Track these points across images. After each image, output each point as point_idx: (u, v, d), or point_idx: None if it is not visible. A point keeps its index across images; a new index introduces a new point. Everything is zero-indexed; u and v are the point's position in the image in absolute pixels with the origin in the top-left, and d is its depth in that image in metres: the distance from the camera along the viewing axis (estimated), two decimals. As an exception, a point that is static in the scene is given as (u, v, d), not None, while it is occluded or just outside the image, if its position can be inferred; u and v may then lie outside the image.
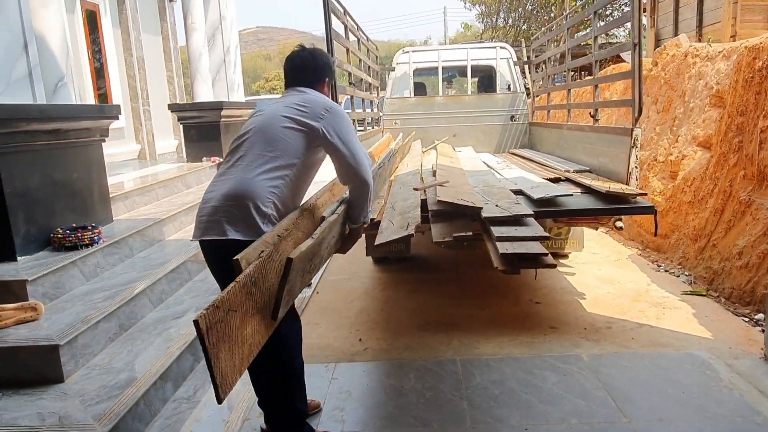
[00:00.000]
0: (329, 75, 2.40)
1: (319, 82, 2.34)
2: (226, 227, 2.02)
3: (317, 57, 2.35)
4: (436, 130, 6.44)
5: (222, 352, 1.34)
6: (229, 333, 1.39)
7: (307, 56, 2.34)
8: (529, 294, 4.02)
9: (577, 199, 3.27)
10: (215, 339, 1.32)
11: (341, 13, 3.93)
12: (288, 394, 2.26)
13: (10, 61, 3.34)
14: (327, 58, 2.40)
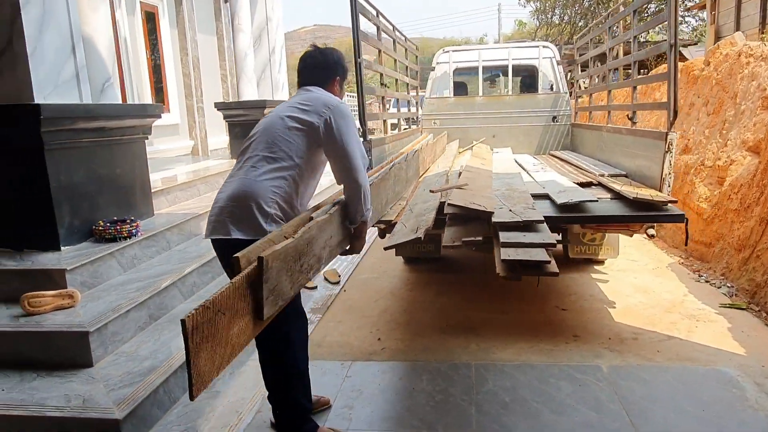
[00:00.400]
0: (340, 73, 2.39)
1: (329, 81, 2.36)
2: (231, 227, 2.09)
3: (327, 56, 2.37)
4: (475, 131, 6.38)
5: (203, 352, 1.39)
6: (214, 333, 1.45)
7: (317, 55, 2.37)
8: (557, 300, 3.94)
9: (604, 205, 3.18)
10: (199, 339, 1.38)
11: (372, 15, 3.96)
12: (291, 390, 2.32)
13: (58, 64, 3.56)
14: (338, 56, 2.40)
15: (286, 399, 2.33)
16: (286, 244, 1.75)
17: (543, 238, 2.19)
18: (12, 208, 3.51)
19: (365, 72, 3.71)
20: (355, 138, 2.18)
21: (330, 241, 2.12)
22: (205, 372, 1.41)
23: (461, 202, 2.52)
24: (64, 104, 3.50)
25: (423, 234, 2.35)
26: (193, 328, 1.35)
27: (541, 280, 4.31)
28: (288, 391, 2.32)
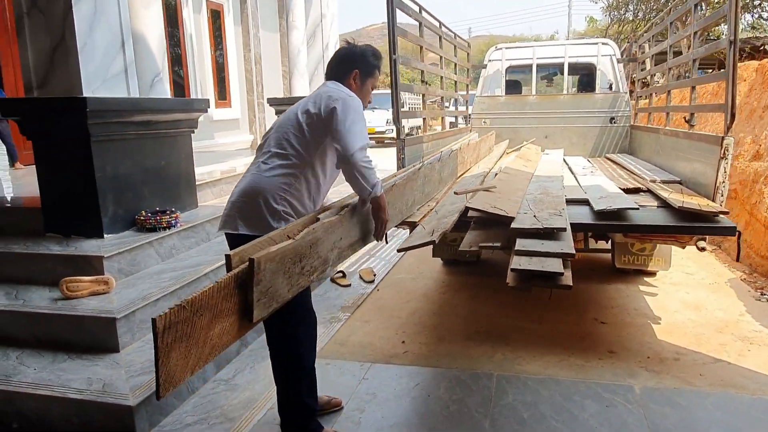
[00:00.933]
0: (359, 67, 2.30)
1: (347, 75, 2.29)
2: (238, 222, 2.10)
3: (350, 50, 2.32)
4: (526, 131, 6.17)
5: (175, 352, 1.37)
6: (190, 333, 1.43)
7: (342, 50, 2.34)
8: (597, 312, 3.72)
9: (646, 214, 2.97)
10: (170, 339, 1.36)
11: (413, 11, 3.88)
12: (295, 389, 2.30)
13: (108, 59, 3.72)
14: (361, 51, 2.33)
15: (290, 397, 2.31)
16: (284, 246, 1.71)
17: (561, 248, 2.05)
18: (63, 195, 3.70)
19: (407, 70, 3.64)
20: (357, 128, 2.08)
21: (340, 242, 2.07)
22: (176, 372, 1.39)
23: (482, 205, 2.41)
24: (110, 98, 3.64)
25: (438, 238, 2.26)
26: (165, 328, 1.33)
27: (573, 291, 4.11)
28: (293, 389, 2.30)
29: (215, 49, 10.68)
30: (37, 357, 2.88)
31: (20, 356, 2.89)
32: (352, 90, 2.26)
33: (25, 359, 2.86)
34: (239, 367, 3.12)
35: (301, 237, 1.69)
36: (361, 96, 2.29)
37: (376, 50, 2.38)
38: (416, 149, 3.89)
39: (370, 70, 2.33)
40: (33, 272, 3.41)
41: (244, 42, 11.45)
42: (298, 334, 2.29)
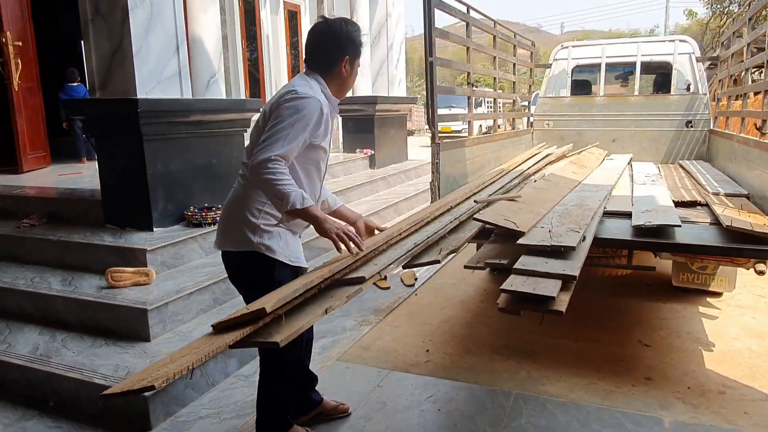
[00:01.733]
0: (350, 51, 2.05)
1: (337, 63, 2.03)
2: (221, 239, 2.12)
3: (337, 31, 2.02)
4: (592, 134, 5.83)
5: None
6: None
7: (324, 32, 2.04)
8: (643, 333, 3.45)
9: (691, 231, 2.72)
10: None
11: (456, 9, 3.76)
12: (272, 399, 2.26)
13: (162, 62, 3.92)
14: (348, 32, 2.04)
15: (267, 407, 2.27)
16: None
17: (564, 268, 1.91)
18: (119, 190, 3.96)
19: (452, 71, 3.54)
20: (288, 134, 1.87)
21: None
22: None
23: (492, 217, 2.29)
24: (162, 99, 3.83)
25: (443, 257, 2.18)
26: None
27: (620, 309, 3.84)
28: (271, 398, 2.26)
29: (291, 48, 11.00)
30: (78, 341, 3.10)
31: (65, 339, 3.13)
32: (343, 77, 2.07)
33: (68, 342, 3.09)
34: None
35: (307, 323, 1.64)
36: (350, 82, 2.14)
37: (356, 24, 2.12)
38: (459, 153, 3.78)
39: (358, 52, 2.11)
40: (88, 261, 3.68)
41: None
42: (277, 353, 2.22)
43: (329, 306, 1.71)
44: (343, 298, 1.78)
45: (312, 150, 2.03)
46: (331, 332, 3.63)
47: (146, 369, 1.46)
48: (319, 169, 2.12)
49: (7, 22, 5.70)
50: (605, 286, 4.27)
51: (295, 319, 1.65)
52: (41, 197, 4.56)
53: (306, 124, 1.92)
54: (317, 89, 2.03)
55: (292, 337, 1.56)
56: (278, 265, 2.06)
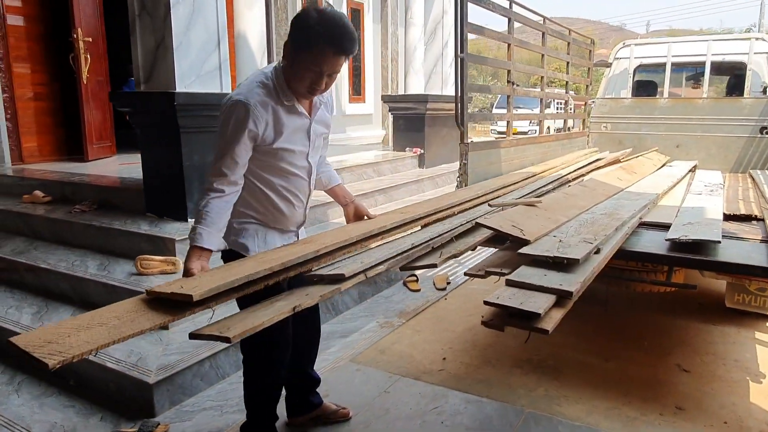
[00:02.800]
0: (290, 35, 1.85)
1: (285, 50, 1.90)
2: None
3: (302, 14, 1.83)
4: (653, 139, 5.45)
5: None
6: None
7: (298, 18, 1.86)
8: (684, 356, 3.16)
9: (736, 248, 2.44)
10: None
11: (495, 4, 3.59)
12: (249, 398, 2.24)
13: (203, 56, 4.00)
14: (298, 15, 1.84)
15: (246, 401, 2.26)
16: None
17: (562, 283, 1.74)
18: (158, 180, 4.09)
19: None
20: (221, 141, 1.86)
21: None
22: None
23: (497, 222, 2.14)
24: (199, 93, 3.91)
25: (441, 261, 2.07)
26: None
27: (664, 329, 3.54)
28: (246, 395, 2.25)
29: (352, 45, 11.05)
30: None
31: (92, 321, 3.25)
32: (287, 67, 1.89)
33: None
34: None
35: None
36: (292, 74, 1.87)
37: (336, 23, 1.80)
38: (488, 155, 3.62)
39: (305, 44, 1.80)
40: (125, 247, 3.82)
41: (382, 40, 11.70)
42: (251, 352, 2.19)
43: (298, 304, 1.65)
44: (316, 297, 1.71)
45: (271, 154, 1.94)
46: (351, 332, 3.58)
47: (53, 329, 1.37)
48: (293, 165, 2.02)
49: (79, 20, 6.04)
50: (651, 302, 3.95)
51: (255, 315, 1.60)
52: (95, 185, 4.79)
53: (234, 134, 1.83)
54: (257, 88, 1.87)
55: (247, 334, 1.51)
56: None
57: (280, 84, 1.91)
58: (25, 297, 3.66)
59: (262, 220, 2.07)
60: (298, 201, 2.11)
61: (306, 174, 2.09)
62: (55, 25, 6.27)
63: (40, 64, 6.26)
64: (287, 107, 1.93)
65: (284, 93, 1.91)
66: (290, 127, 1.95)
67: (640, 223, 2.83)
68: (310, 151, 2.07)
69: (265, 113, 1.87)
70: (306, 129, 2.02)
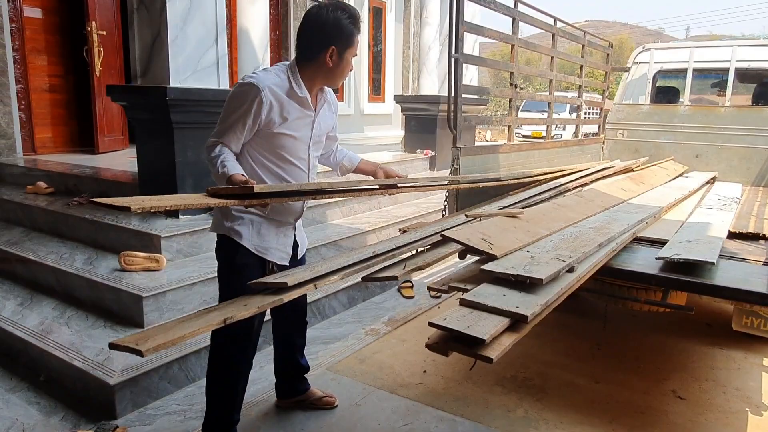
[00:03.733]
0: (336, 42, 1.96)
1: (321, 53, 1.97)
2: (212, 222, 2.24)
3: (323, 19, 1.95)
4: (672, 148, 5.20)
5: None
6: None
7: (311, 19, 1.99)
8: (681, 382, 2.96)
9: (733, 271, 2.26)
10: None
11: (504, 6, 3.43)
12: (209, 397, 2.26)
13: (199, 52, 3.94)
14: (336, 19, 1.95)
15: (207, 400, 2.27)
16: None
17: (518, 305, 1.59)
18: (152, 175, 4.05)
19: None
20: (221, 121, 1.99)
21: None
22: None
23: (465, 235, 2.00)
24: (191, 88, 3.84)
25: (402, 274, 1.94)
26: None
27: (663, 352, 3.33)
28: (208, 393, 2.26)
29: (374, 45, 10.96)
30: (82, 320, 3.18)
31: (71, 317, 3.22)
32: (327, 68, 2.01)
33: (72, 320, 3.18)
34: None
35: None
36: (338, 72, 2.06)
37: (351, 10, 2.00)
38: (485, 161, 3.46)
39: (348, 42, 2.01)
40: (114, 242, 3.79)
41: (404, 39, 11.58)
42: (218, 349, 2.20)
43: (230, 316, 1.55)
44: (253, 308, 1.61)
45: (273, 138, 2.02)
46: (335, 338, 3.48)
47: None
48: (292, 154, 2.07)
49: (94, 12, 6.08)
50: (655, 320, 3.74)
51: (182, 326, 1.50)
52: (97, 177, 4.80)
53: (241, 111, 1.92)
54: (272, 76, 1.99)
55: (165, 347, 1.41)
56: (242, 250, 2.08)
57: (296, 79, 2.02)
58: (13, 288, 3.66)
59: (260, 210, 2.08)
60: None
61: (305, 166, 2.14)
62: (71, 17, 6.32)
63: (55, 56, 6.33)
64: (299, 99, 2.02)
65: (299, 86, 2.02)
66: (295, 116, 2.03)
67: (635, 238, 2.66)
68: (311, 143, 2.13)
69: (274, 98, 1.94)
70: (311, 121, 2.11)
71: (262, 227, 2.12)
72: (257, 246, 2.10)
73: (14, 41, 5.84)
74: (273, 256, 2.15)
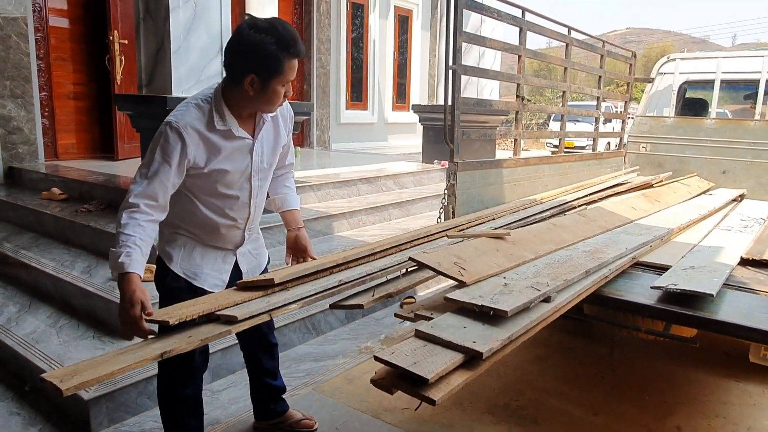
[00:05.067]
0: (255, 69, 1.71)
1: (241, 80, 1.72)
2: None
3: (243, 41, 1.69)
4: (697, 163, 4.95)
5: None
6: None
7: (232, 40, 1.75)
8: (687, 418, 2.75)
9: (737, 303, 2.08)
10: None
11: (509, 15, 3.30)
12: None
13: (203, 62, 3.94)
14: (258, 42, 1.66)
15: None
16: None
17: (477, 339, 1.47)
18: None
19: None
20: (143, 161, 1.78)
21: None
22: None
23: (435, 259, 1.88)
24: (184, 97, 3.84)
25: (368, 301, 1.85)
26: None
27: (670, 382, 3.11)
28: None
29: (399, 53, 10.91)
30: (73, 329, 3.17)
31: (63, 326, 3.22)
32: (249, 96, 1.75)
33: (63, 329, 3.18)
34: (235, 381, 3.03)
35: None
36: (264, 101, 1.78)
37: (282, 31, 1.69)
38: (485, 176, 3.32)
39: (273, 71, 1.71)
40: (114, 250, 3.79)
41: (430, 47, 11.48)
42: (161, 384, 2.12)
43: (168, 350, 1.47)
44: (196, 341, 1.53)
45: (206, 176, 1.84)
46: (327, 356, 3.39)
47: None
48: (231, 187, 1.90)
49: (116, 22, 6.21)
50: (666, 348, 3.51)
51: (115, 361, 1.43)
52: (107, 185, 4.85)
53: (164, 157, 1.73)
54: (192, 111, 1.79)
55: (88, 386, 1.36)
56: (171, 274, 1.94)
57: (219, 108, 1.81)
58: (14, 294, 3.70)
59: (195, 234, 1.97)
60: (235, 222, 2.00)
61: (246, 195, 1.97)
62: (94, 26, 6.46)
63: (78, 64, 6.48)
64: (221, 132, 1.81)
65: (221, 117, 1.81)
66: (227, 149, 1.84)
67: (636, 263, 2.49)
68: (253, 171, 1.94)
69: (198, 137, 1.77)
70: (248, 149, 1.91)
71: (195, 250, 1.97)
72: (186, 270, 1.95)
73: (39, 50, 6.00)
74: (204, 282, 1.97)
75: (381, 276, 2.03)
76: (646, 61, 36.59)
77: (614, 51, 4.84)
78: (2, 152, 5.73)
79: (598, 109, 4.85)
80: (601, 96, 4.74)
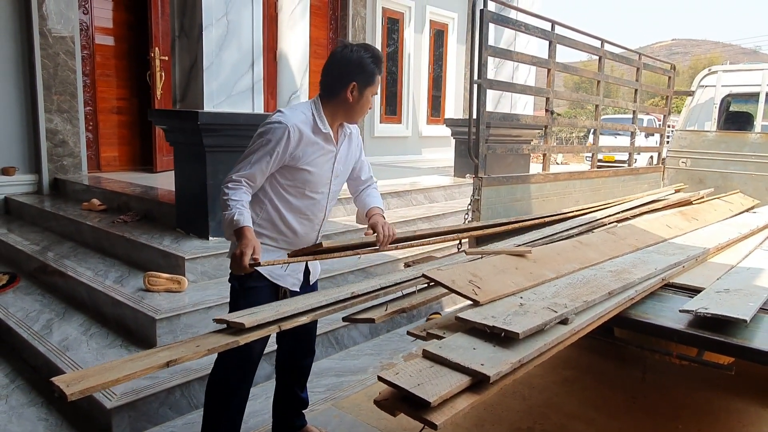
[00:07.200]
0: (357, 78, 2.06)
1: (343, 89, 2.07)
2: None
3: (345, 57, 2.06)
4: (740, 179, 4.74)
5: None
6: None
7: (335, 59, 2.10)
8: (724, 450, 2.60)
9: (765, 332, 1.95)
10: None
11: (538, 29, 3.25)
12: (204, 419, 2.23)
13: (234, 77, 4.02)
14: (359, 58, 2.06)
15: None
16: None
17: (486, 362, 1.42)
18: (186, 197, 4.15)
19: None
20: (247, 156, 2.04)
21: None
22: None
23: (449, 276, 1.83)
24: (222, 113, 3.91)
25: (379, 317, 1.82)
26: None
27: (706, 411, 2.95)
28: (204, 415, 2.23)
29: (434, 67, 10.91)
30: (102, 338, 3.26)
31: (94, 334, 3.31)
32: (349, 104, 2.09)
33: (94, 337, 3.27)
34: (257, 393, 3.03)
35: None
36: (358, 108, 2.13)
37: (374, 51, 2.11)
38: (512, 192, 3.26)
39: (369, 80, 2.10)
40: (145, 261, 3.89)
41: (466, 60, 11.44)
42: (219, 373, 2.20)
43: (175, 358, 1.48)
44: (203, 351, 1.54)
45: (296, 172, 2.10)
46: (349, 371, 3.37)
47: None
48: (313, 189, 2.15)
49: (157, 39, 6.42)
50: (704, 374, 3.34)
51: (123, 367, 1.45)
52: (143, 197, 4.99)
53: (268, 148, 1.99)
54: (298, 114, 2.07)
55: (93, 391, 1.38)
56: (255, 274, 2.09)
57: (320, 115, 2.10)
58: (51, 302, 3.82)
59: (274, 239, 2.17)
60: (312, 223, 2.23)
61: (324, 198, 2.22)
62: (137, 44, 6.71)
63: (121, 80, 6.72)
64: (323, 134, 2.10)
65: (323, 122, 2.10)
66: (319, 151, 2.11)
67: (666, 284, 2.38)
68: (333, 176, 2.21)
69: (300, 135, 2.03)
70: (333, 156, 2.18)
71: (277, 254, 2.17)
72: (270, 272, 2.15)
73: (85, 67, 6.26)
74: (285, 282, 2.21)
75: (395, 291, 2.00)
76: (693, 73, 35.56)
77: (651, 64, 4.70)
78: (48, 164, 5.98)
79: (633, 123, 4.71)
80: (636, 109, 4.61)
